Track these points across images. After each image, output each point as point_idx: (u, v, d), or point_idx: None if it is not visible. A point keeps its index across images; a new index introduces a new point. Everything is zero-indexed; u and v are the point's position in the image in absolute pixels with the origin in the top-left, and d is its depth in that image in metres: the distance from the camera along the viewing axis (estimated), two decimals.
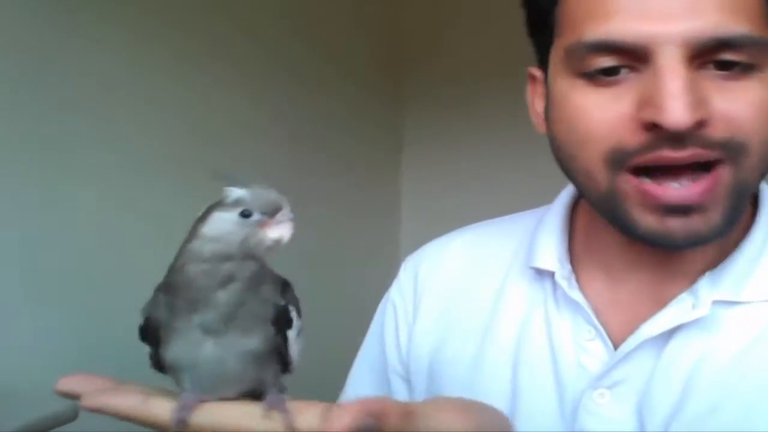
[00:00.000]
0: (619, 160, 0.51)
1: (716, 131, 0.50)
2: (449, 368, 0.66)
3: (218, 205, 0.44)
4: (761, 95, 0.50)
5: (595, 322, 0.58)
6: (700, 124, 0.49)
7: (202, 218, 0.44)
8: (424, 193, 1.98)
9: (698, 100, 0.49)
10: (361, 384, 0.75)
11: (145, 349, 0.47)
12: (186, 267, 0.43)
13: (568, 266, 0.62)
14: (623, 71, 0.51)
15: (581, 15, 0.52)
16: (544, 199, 0.70)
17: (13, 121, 1.10)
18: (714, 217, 0.51)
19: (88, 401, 0.43)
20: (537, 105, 0.62)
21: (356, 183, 1.94)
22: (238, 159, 1.48)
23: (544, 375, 0.60)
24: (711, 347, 0.55)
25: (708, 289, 0.55)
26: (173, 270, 0.44)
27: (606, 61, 0.51)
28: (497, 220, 0.75)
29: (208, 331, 0.43)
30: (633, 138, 0.51)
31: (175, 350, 0.44)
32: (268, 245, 0.44)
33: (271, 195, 0.44)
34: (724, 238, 0.56)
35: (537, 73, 0.61)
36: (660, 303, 0.57)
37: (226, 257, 0.43)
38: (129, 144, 1.29)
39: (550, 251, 0.63)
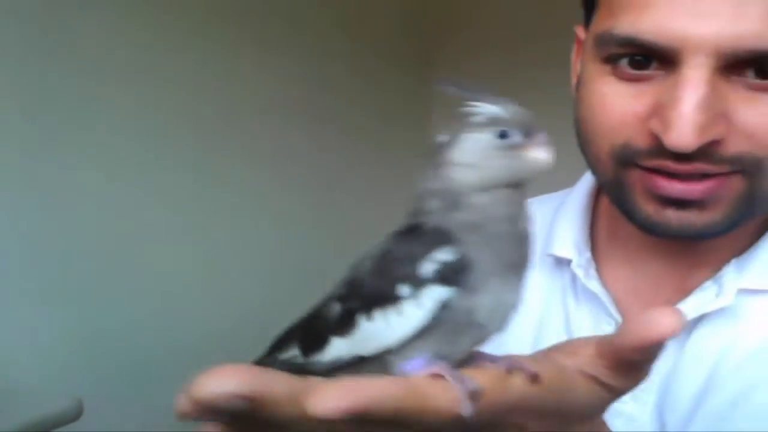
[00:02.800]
0: (627, 158, 0.51)
1: (730, 147, 0.48)
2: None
3: (458, 128, 0.37)
4: None
5: (615, 313, 0.56)
6: (709, 145, 0.47)
7: (445, 145, 0.37)
8: None
9: (713, 119, 0.47)
10: None
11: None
12: (470, 200, 0.37)
13: (587, 254, 0.59)
14: (653, 66, 0.49)
15: (616, 1, 0.50)
16: (574, 180, 0.67)
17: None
18: (712, 216, 0.50)
19: (339, 400, 0.27)
20: (577, 68, 0.59)
21: (379, 161, 1.88)
22: (255, 138, 1.43)
23: None
24: (735, 338, 0.53)
25: (733, 276, 0.54)
26: (452, 207, 0.37)
27: (635, 56, 0.49)
28: None
29: (517, 271, 0.37)
30: (642, 140, 0.50)
31: (491, 297, 0.36)
32: (532, 170, 0.37)
33: (524, 112, 0.38)
34: (753, 226, 0.54)
35: (582, 34, 0.58)
36: (683, 293, 0.55)
37: (492, 186, 0.37)
38: (141, 123, 1.25)
39: (569, 238, 0.60)
